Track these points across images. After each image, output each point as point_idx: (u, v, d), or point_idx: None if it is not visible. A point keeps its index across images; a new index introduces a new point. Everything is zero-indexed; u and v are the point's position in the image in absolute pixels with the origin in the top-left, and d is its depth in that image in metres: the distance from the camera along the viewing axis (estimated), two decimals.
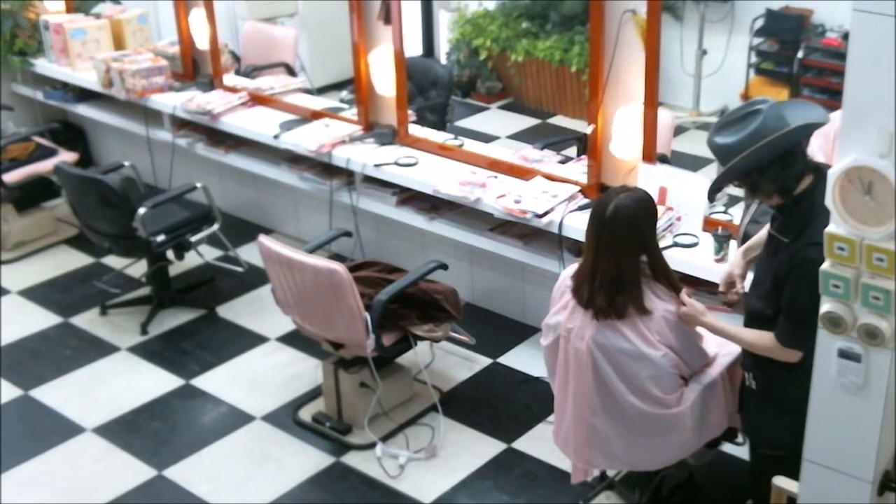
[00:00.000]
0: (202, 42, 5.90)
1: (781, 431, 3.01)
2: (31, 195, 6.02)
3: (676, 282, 3.27)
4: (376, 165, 4.90)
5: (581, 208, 4.28)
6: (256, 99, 5.70)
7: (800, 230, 2.89)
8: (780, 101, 2.99)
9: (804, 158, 2.90)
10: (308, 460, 4.16)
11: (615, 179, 4.27)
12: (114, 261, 5.61)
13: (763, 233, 3.26)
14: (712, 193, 3.09)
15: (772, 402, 3.12)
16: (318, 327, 4.09)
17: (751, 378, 3.19)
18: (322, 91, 6.68)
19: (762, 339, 3.04)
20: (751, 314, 3.15)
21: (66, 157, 5.94)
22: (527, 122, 7.46)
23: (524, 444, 4.19)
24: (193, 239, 5.10)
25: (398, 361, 4.37)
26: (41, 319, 5.23)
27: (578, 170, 4.52)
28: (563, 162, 4.70)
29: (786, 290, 2.92)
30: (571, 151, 5.09)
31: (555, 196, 4.36)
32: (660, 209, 3.83)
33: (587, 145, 4.39)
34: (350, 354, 4.15)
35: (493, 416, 4.36)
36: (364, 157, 4.95)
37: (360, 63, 5.07)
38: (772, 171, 2.86)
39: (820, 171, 2.91)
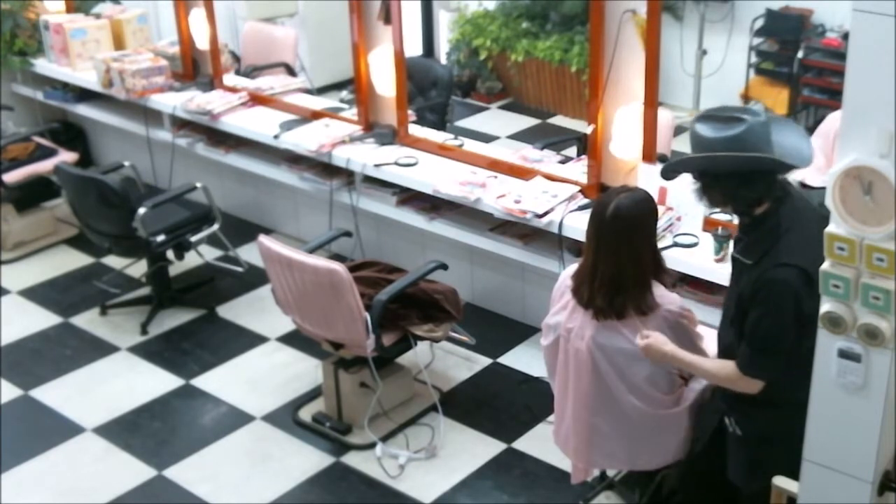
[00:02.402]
0: (202, 42, 5.90)
1: (778, 466, 2.71)
2: (31, 195, 6.02)
3: (671, 282, 3.26)
4: (376, 165, 4.90)
5: (581, 208, 4.28)
6: (256, 99, 5.70)
7: (764, 250, 2.78)
8: (776, 118, 2.89)
9: (770, 188, 2.78)
10: (308, 460, 4.16)
11: (615, 179, 4.27)
12: (114, 261, 5.60)
13: None
14: (665, 173, 2.99)
15: (762, 445, 2.95)
16: (318, 327, 4.09)
17: (733, 423, 3.01)
18: (322, 91, 6.69)
19: (723, 368, 2.92)
20: (724, 349, 3.03)
21: (66, 157, 5.93)
22: (527, 122, 7.46)
23: (524, 444, 4.19)
24: (193, 239, 5.10)
25: (398, 361, 4.37)
26: (41, 319, 5.23)
27: (578, 170, 4.52)
28: (563, 162, 4.70)
29: (751, 314, 2.80)
30: (571, 151, 5.09)
31: (555, 196, 4.36)
32: (660, 209, 3.82)
33: (587, 145, 4.39)
34: (350, 354, 4.15)
35: (493, 416, 4.36)
36: (364, 157, 4.95)
37: (360, 63, 5.06)
38: (727, 183, 2.77)
39: (781, 200, 2.80)
